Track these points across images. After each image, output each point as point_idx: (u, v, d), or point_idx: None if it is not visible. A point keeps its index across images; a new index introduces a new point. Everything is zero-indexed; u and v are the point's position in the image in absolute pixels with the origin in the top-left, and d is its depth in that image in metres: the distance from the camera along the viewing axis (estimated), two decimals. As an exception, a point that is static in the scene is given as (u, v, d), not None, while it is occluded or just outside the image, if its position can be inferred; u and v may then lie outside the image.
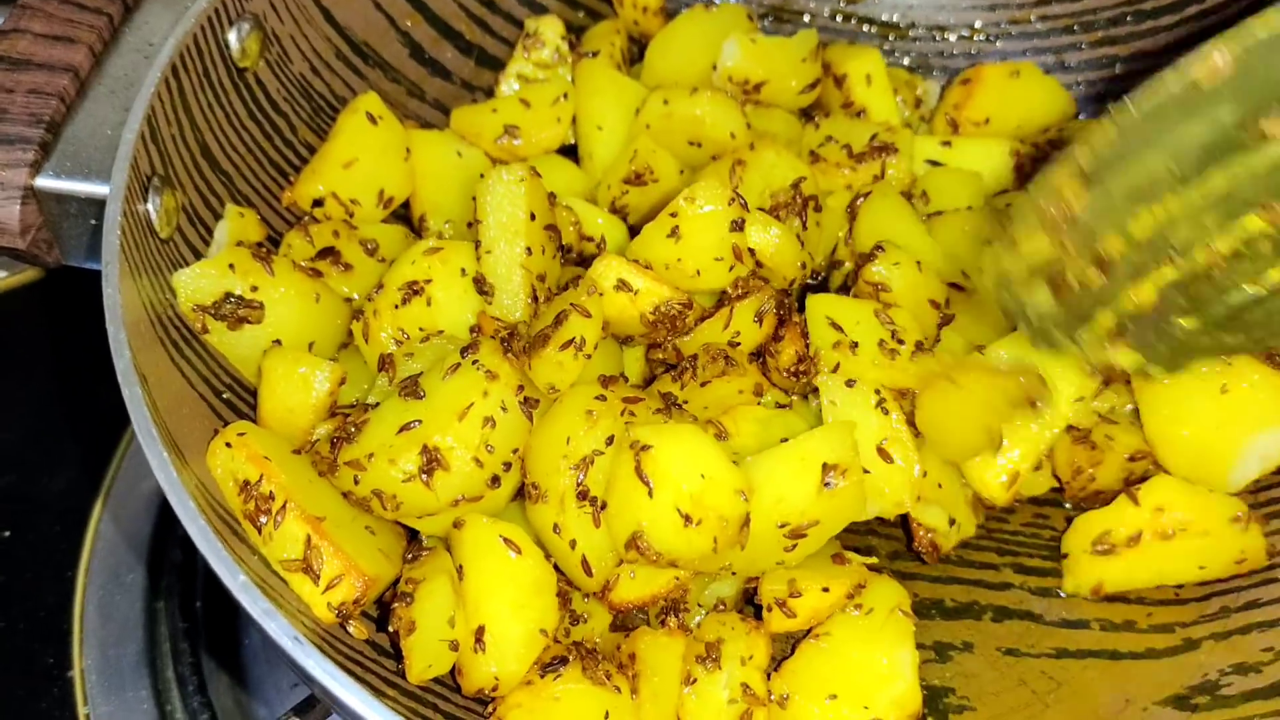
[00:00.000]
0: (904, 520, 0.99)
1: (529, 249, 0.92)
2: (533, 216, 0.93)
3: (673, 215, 0.94)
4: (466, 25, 1.23)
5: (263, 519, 0.80)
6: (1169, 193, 0.80)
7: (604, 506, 0.84)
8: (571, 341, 0.87)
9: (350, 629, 0.81)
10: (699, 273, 0.94)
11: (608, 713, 0.80)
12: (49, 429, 1.24)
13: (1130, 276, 0.84)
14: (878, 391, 0.92)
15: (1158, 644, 0.95)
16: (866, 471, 0.89)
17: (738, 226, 0.94)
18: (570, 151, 1.19)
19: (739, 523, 0.84)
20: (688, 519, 0.82)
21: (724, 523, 0.83)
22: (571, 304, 0.88)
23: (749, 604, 0.94)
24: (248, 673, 1.07)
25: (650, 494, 0.82)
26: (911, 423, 0.93)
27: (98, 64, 0.95)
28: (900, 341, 0.95)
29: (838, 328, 0.95)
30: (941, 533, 0.96)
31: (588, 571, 0.85)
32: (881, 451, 0.90)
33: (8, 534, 1.16)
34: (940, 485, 0.96)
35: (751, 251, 0.96)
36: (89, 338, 1.28)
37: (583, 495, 0.84)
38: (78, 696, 1.05)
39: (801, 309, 0.98)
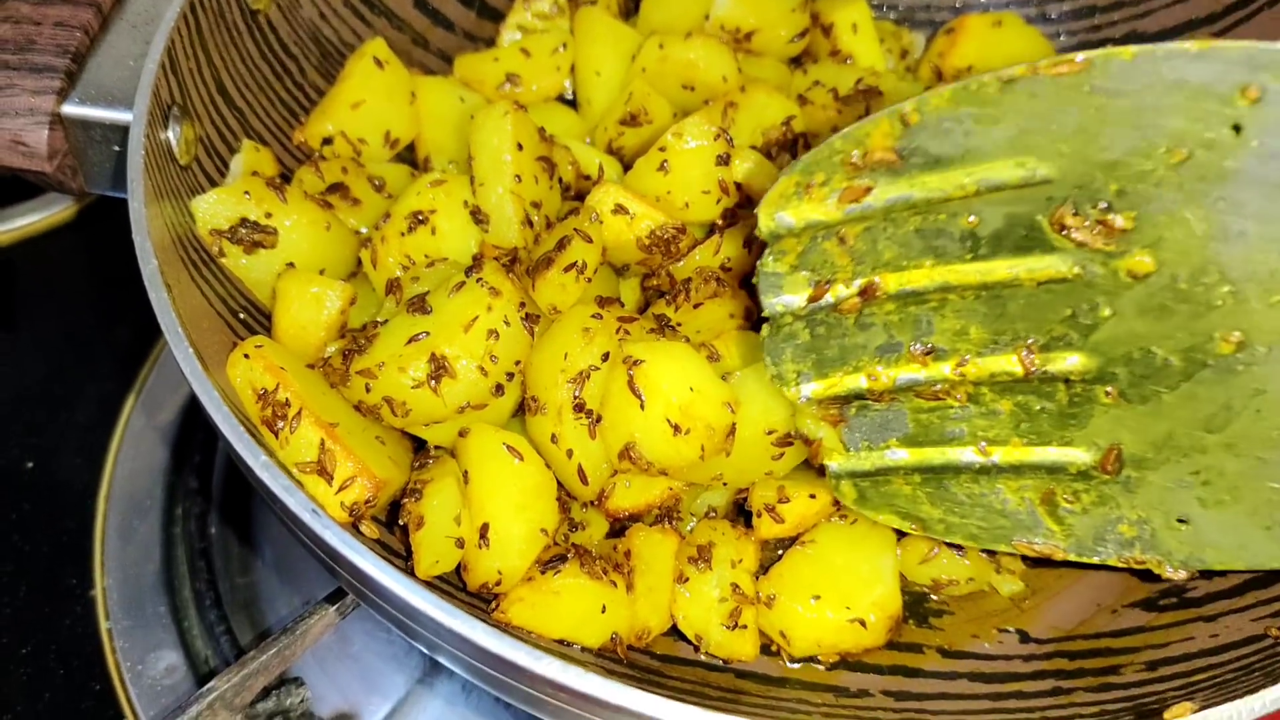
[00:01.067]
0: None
1: (518, 176, 0.97)
2: (520, 147, 0.97)
3: (661, 150, 1.00)
4: (469, -24, 1.27)
5: (280, 424, 0.84)
6: (956, 257, 0.80)
7: (599, 419, 0.89)
8: (574, 265, 0.92)
9: (363, 528, 0.86)
10: (688, 205, 0.99)
11: (605, 606, 0.85)
12: (70, 367, 1.29)
13: (881, 349, 0.84)
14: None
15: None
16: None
17: (723, 161, 0.99)
18: (570, 101, 1.23)
19: (725, 432, 0.88)
20: (677, 428, 0.87)
21: (711, 432, 0.88)
22: (575, 229, 0.93)
23: (740, 515, 0.98)
24: (261, 589, 1.12)
25: (642, 406, 0.87)
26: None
27: (118, 0, 1.00)
28: None
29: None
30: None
31: (584, 480, 0.90)
32: None
33: (30, 465, 1.20)
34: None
35: (739, 186, 1.01)
36: (108, 283, 1.34)
37: (579, 408, 0.89)
38: (100, 613, 1.10)
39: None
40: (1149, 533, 0.82)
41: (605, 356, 0.90)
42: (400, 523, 0.85)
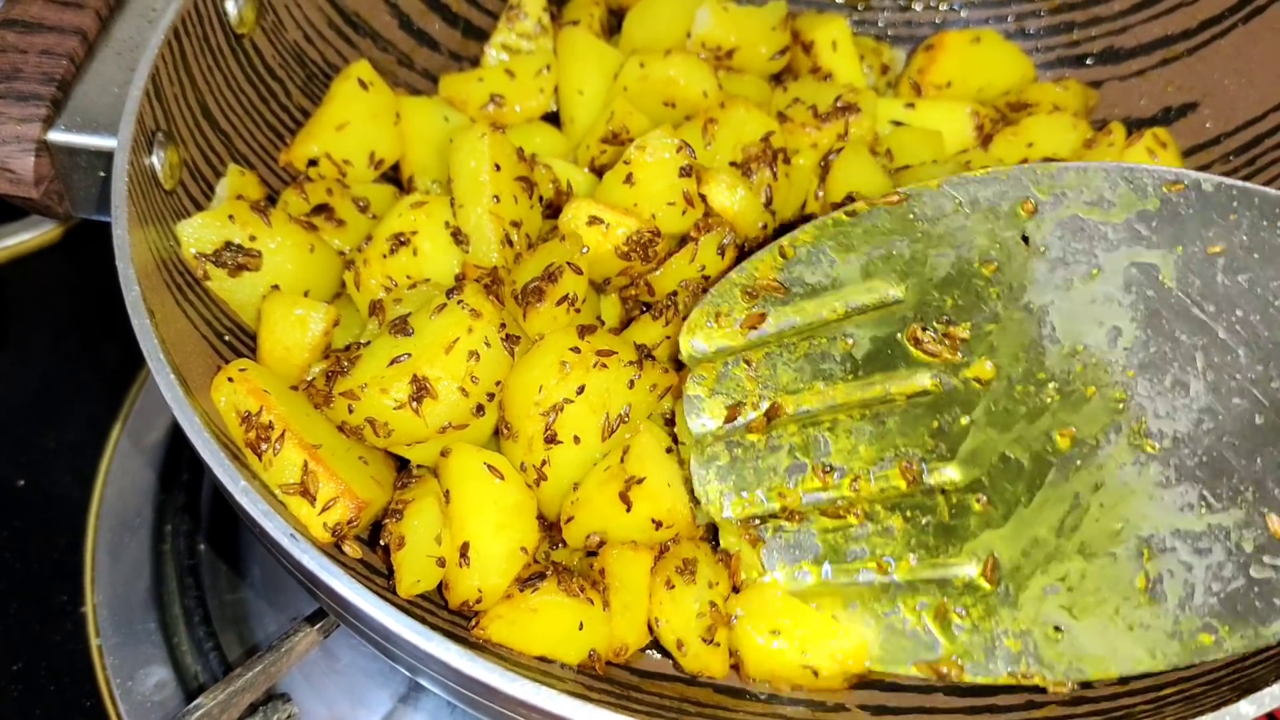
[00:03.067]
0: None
1: (496, 197, 0.98)
2: (497, 168, 0.99)
3: (626, 163, 1.02)
4: (453, -3, 1.29)
5: (263, 446, 0.86)
6: (840, 378, 0.90)
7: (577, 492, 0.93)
8: (566, 298, 0.93)
9: (345, 549, 0.87)
10: (654, 216, 1.01)
11: (582, 623, 0.87)
12: (60, 385, 1.30)
13: (789, 469, 0.91)
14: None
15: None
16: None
17: (686, 173, 1.01)
18: (553, 118, 1.25)
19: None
20: (659, 524, 0.91)
21: (688, 525, 0.94)
22: (568, 262, 0.94)
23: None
24: (249, 606, 1.13)
25: (629, 510, 0.90)
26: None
27: (104, 28, 1.01)
28: None
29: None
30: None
31: (545, 513, 0.93)
32: None
33: (21, 483, 1.22)
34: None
35: (703, 197, 1.03)
36: (99, 302, 1.35)
37: (550, 439, 0.91)
38: (90, 630, 1.11)
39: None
40: (1032, 645, 0.86)
41: (580, 390, 0.91)
42: (381, 543, 0.86)
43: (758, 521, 0.93)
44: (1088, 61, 1.31)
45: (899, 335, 0.89)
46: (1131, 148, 1.17)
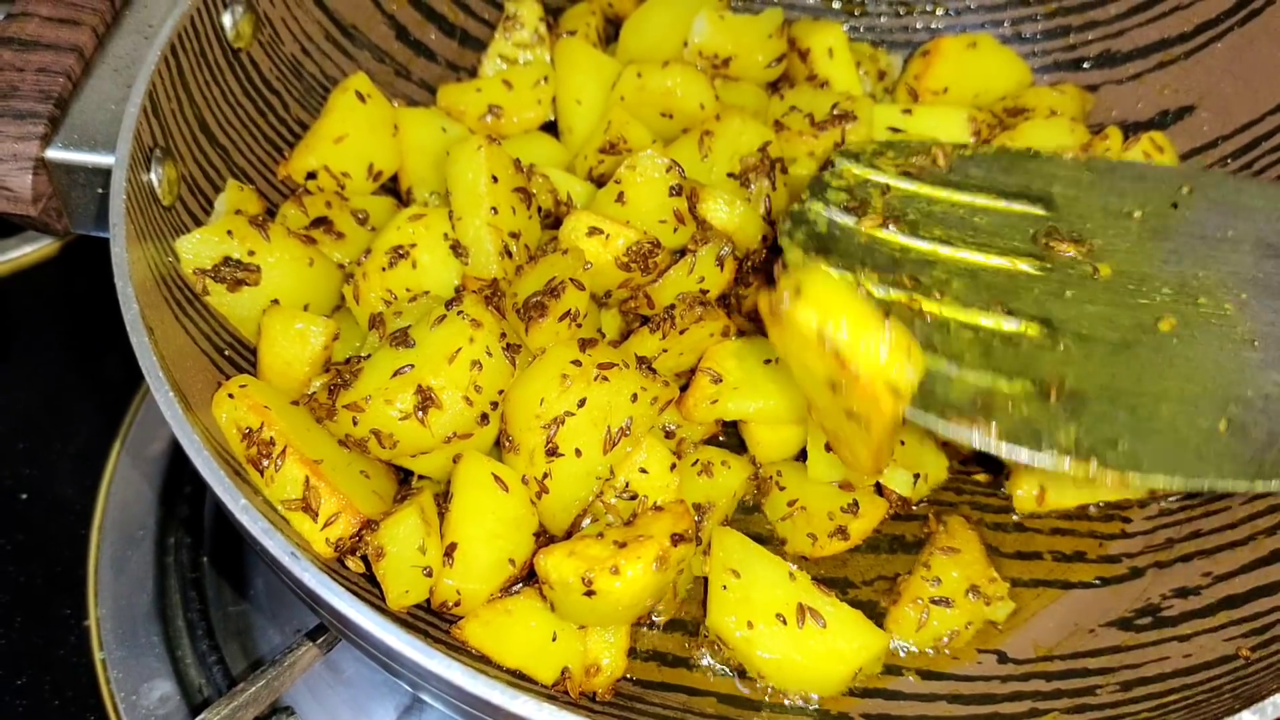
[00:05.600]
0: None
1: (494, 208, 0.98)
2: (495, 179, 0.99)
3: (617, 182, 1.03)
4: (449, 8, 1.29)
5: (264, 462, 0.86)
6: (962, 241, 0.99)
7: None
8: (568, 313, 0.93)
9: (349, 563, 0.87)
10: (646, 234, 1.01)
11: (555, 634, 0.87)
12: (62, 397, 1.30)
13: (878, 265, 0.95)
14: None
15: (1105, 573, 1.01)
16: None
17: (676, 192, 1.01)
18: (551, 128, 1.25)
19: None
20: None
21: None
22: (570, 278, 0.94)
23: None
24: (253, 618, 1.13)
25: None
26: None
27: (101, 45, 1.01)
28: None
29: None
30: (907, 490, 1.03)
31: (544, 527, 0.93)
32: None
33: (24, 496, 1.22)
34: (903, 443, 1.02)
35: (694, 214, 1.03)
36: (101, 313, 1.35)
37: (552, 452, 0.91)
38: (93, 643, 1.11)
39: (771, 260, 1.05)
40: (1085, 445, 0.87)
41: (581, 403, 0.91)
42: (358, 554, 0.86)
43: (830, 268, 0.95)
44: (1084, 66, 1.31)
45: (1032, 231, 1.00)
46: (1128, 151, 1.17)
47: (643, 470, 0.93)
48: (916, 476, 1.02)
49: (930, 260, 0.97)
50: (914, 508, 1.04)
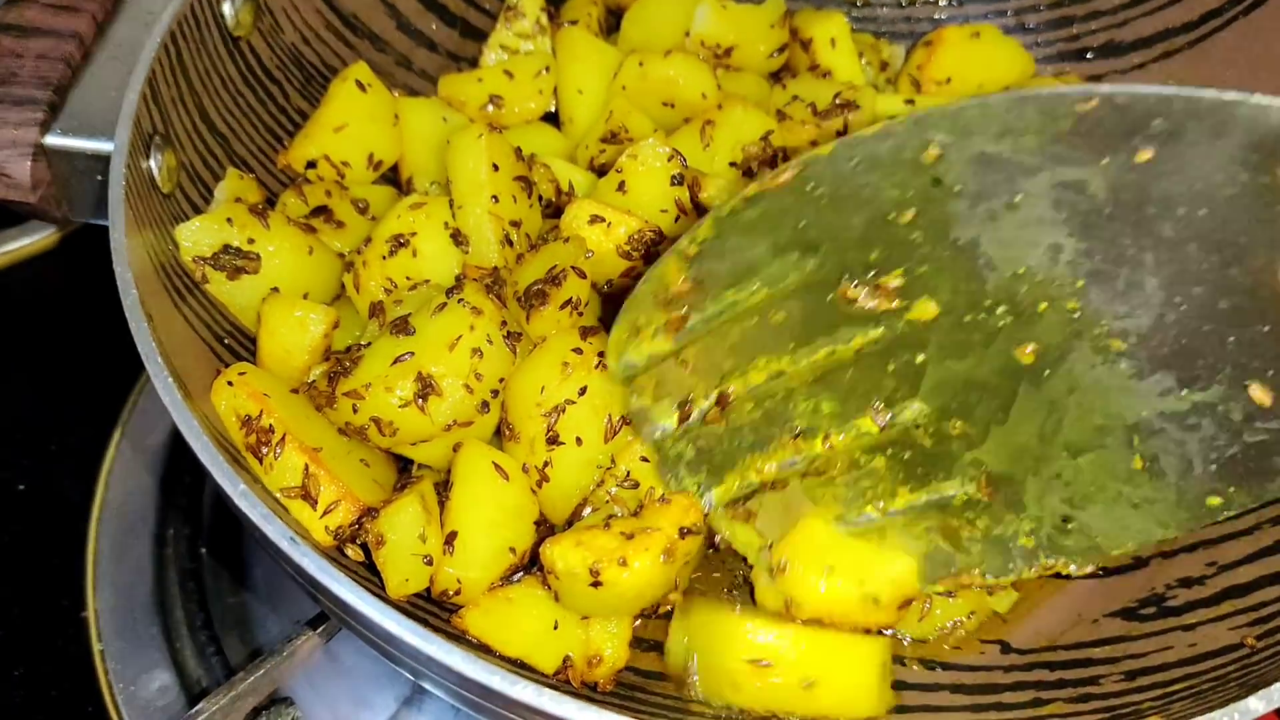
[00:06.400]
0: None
1: (495, 197, 0.98)
2: (496, 168, 0.99)
3: (618, 171, 1.03)
4: (450, -3, 1.29)
5: (264, 450, 0.86)
6: (782, 350, 0.88)
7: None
8: (569, 301, 0.93)
9: (348, 551, 0.87)
10: (648, 223, 1.00)
11: (557, 622, 0.86)
12: (60, 388, 1.30)
13: (756, 444, 0.90)
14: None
15: (1109, 563, 1.01)
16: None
17: (678, 181, 1.01)
18: (553, 118, 1.25)
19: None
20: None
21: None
22: (572, 266, 0.94)
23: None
24: (252, 609, 1.13)
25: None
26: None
27: (101, 31, 1.01)
28: None
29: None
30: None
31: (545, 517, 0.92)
32: None
33: (22, 487, 1.21)
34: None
35: (695, 203, 1.03)
36: (100, 305, 1.34)
37: (552, 440, 0.90)
38: (92, 634, 1.11)
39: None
40: (1045, 539, 0.86)
41: (582, 391, 0.91)
42: (358, 542, 0.86)
43: (743, 501, 0.92)
44: (1088, 55, 1.31)
45: (830, 297, 0.87)
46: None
47: (644, 459, 0.92)
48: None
49: (784, 397, 0.89)
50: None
